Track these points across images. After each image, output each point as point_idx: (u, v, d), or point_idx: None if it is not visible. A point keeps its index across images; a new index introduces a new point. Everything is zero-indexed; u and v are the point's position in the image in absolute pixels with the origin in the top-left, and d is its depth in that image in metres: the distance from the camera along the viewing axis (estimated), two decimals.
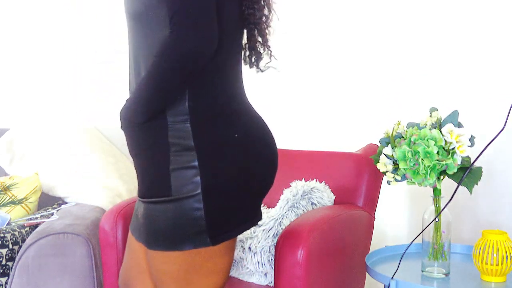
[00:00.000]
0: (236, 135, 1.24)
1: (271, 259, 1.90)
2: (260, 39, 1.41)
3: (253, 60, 1.43)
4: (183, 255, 1.22)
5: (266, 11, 1.38)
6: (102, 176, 2.47)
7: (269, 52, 1.44)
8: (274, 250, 1.90)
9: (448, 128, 1.61)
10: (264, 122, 1.37)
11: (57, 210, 2.26)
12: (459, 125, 1.65)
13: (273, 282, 1.78)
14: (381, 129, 1.79)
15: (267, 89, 2.80)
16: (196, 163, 1.18)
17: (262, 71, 1.46)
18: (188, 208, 1.18)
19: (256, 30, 1.38)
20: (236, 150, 1.24)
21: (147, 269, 1.38)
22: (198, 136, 1.19)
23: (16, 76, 3.03)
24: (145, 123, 1.22)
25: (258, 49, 1.42)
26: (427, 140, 1.57)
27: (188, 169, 1.18)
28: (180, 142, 1.19)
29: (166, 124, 1.20)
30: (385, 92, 2.50)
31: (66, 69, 3.02)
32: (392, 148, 1.66)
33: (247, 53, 1.43)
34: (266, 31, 1.41)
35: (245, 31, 1.39)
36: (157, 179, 1.22)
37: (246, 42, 1.41)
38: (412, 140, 1.59)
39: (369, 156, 2.00)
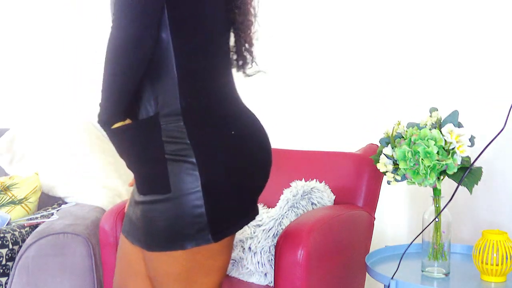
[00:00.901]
0: (232, 132, 1.25)
1: (271, 259, 1.90)
2: (244, 43, 1.41)
3: (239, 64, 1.43)
4: (185, 254, 1.22)
5: (249, 16, 1.39)
6: (102, 176, 2.47)
7: (252, 57, 1.44)
8: (274, 250, 1.90)
9: (448, 128, 1.61)
10: (258, 120, 1.37)
11: (57, 210, 2.26)
12: (459, 125, 1.65)
13: (273, 282, 1.78)
14: (381, 129, 1.79)
15: (267, 90, 2.80)
16: (194, 160, 1.18)
17: (248, 75, 1.46)
18: (188, 205, 1.18)
19: (239, 34, 1.39)
20: (233, 147, 1.25)
21: (141, 271, 1.37)
22: (193, 135, 1.20)
23: (16, 76, 3.03)
24: (136, 126, 1.22)
25: (243, 54, 1.42)
26: (427, 140, 1.57)
27: (186, 167, 1.18)
28: (175, 141, 1.19)
29: (158, 124, 1.20)
30: (385, 92, 2.50)
31: (66, 69, 3.02)
32: (392, 148, 1.66)
33: (234, 56, 1.43)
34: (250, 36, 1.41)
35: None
36: (154, 177, 1.22)
37: (233, 45, 1.42)
38: (412, 140, 1.59)
39: (369, 156, 2.01)
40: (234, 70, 1.43)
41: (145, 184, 1.25)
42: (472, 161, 1.58)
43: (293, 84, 2.75)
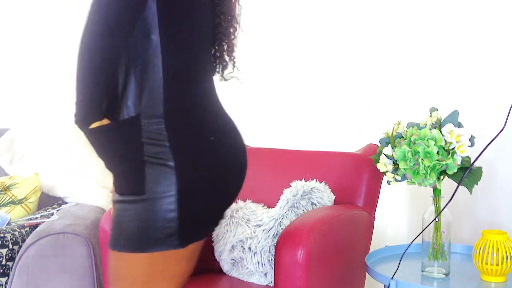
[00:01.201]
0: (212, 138, 1.25)
1: (271, 259, 1.90)
2: (227, 48, 1.42)
3: (218, 68, 1.44)
4: (149, 258, 1.21)
5: (233, 22, 1.41)
6: (102, 176, 2.47)
7: (233, 62, 1.45)
8: (274, 250, 1.90)
9: (448, 128, 1.61)
10: (235, 125, 1.38)
11: (57, 210, 2.26)
12: (459, 125, 1.65)
13: (273, 282, 1.78)
14: (381, 129, 1.79)
15: (268, 90, 2.80)
16: (172, 164, 1.18)
17: (225, 80, 1.47)
18: (161, 209, 1.17)
19: (222, 39, 1.40)
20: (212, 153, 1.24)
21: None
22: (173, 138, 1.20)
23: (16, 76, 3.03)
24: (116, 126, 1.21)
25: (224, 58, 1.44)
26: (427, 140, 1.57)
27: (164, 170, 1.18)
28: (155, 143, 1.19)
29: (139, 125, 1.20)
30: (385, 92, 2.50)
31: (66, 69, 3.02)
32: (392, 148, 1.66)
33: (217, 60, 1.45)
34: (233, 41, 1.43)
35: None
36: (131, 178, 1.21)
37: (216, 49, 1.44)
38: (412, 140, 1.59)
39: (369, 156, 2.00)
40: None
41: (122, 184, 1.24)
42: (472, 161, 1.58)
43: (293, 84, 2.75)
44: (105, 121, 1.21)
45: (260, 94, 2.79)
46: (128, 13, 1.16)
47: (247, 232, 1.98)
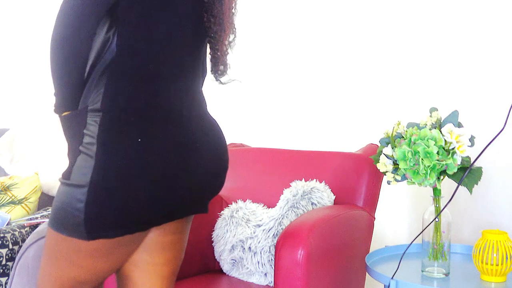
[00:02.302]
0: (139, 139, 1.25)
1: (271, 259, 1.90)
2: (217, 52, 1.42)
3: (215, 72, 1.46)
4: (58, 237, 1.25)
5: (225, 26, 1.40)
6: None
7: (226, 66, 1.46)
8: (274, 250, 1.90)
9: (448, 128, 1.61)
10: (216, 130, 1.38)
11: None
12: (459, 125, 1.65)
13: (273, 282, 1.78)
14: (381, 129, 1.79)
15: (268, 90, 2.80)
16: (93, 156, 1.22)
17: (222, 83, 1.48)
18: (74, 197, 1.21)
19: (213, 43, 1.40)
20: (135, 155, 1.24)
21: None
22: (101, 132, 1.23)
23: (16, 76, 3.03)
24: (70, 116, 1.28)
25: (218, 62, 1.44)
26: (427, 140, 1.57)
27: (87, 160, 1.23)
28: (89, 134, 1.24)
29: (85, 117, 1.26)
30: (385, 92, 2.50)
31: None
32: (392, 148, 1.66)
33: (211, 64, 1.46)
34: (225, 45, 1.43)
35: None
36: (69, 163, 1.28)
37: (209, 53, 1.44)
38: (412, 140, 1.60)
39: (369, 156, 2.01)
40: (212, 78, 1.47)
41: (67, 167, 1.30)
42: (472, 161, 1.58)
43: (293, 84, 2.75)
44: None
45: (260, 94, 2.79)
46: (95, 8, 1.20)
47: (247, 232, 1.99)
